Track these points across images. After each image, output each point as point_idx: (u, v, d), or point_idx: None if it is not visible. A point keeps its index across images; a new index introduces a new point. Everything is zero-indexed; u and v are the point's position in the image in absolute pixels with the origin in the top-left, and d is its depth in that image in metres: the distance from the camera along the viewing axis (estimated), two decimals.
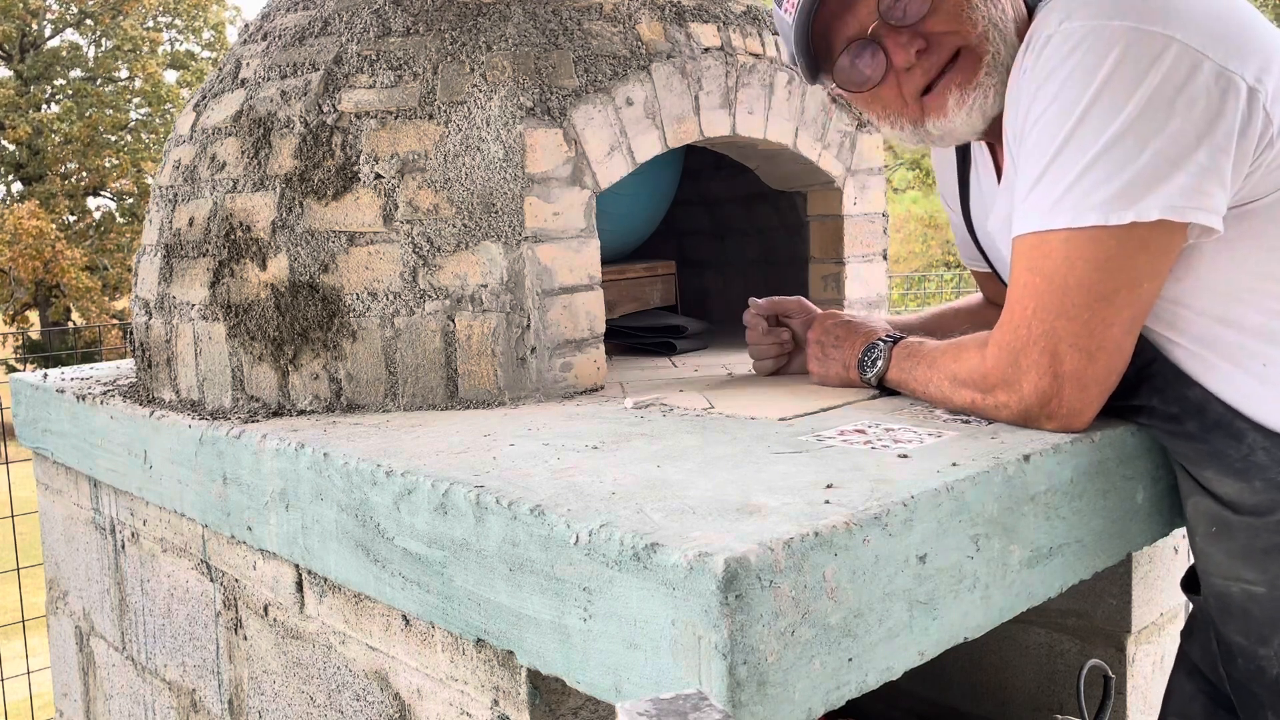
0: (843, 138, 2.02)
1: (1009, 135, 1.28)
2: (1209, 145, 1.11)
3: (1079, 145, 1.14)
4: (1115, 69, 1.12)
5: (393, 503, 1.20)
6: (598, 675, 0.97)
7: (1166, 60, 1.11)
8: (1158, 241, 1.14)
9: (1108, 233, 1.13)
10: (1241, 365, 1.19)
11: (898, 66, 1.30)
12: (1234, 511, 1.21)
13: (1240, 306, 1.19)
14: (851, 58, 1.32)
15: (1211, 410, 1.21)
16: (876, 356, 1.48)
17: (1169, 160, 1.11)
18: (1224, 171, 1.13)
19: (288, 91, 1.66)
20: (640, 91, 1.68)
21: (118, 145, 21.45)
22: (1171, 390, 1.24)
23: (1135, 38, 1.12)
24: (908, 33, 1.28)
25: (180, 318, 1.69)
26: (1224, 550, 1.23)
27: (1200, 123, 1.11)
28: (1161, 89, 1.11)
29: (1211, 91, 1.11)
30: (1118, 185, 1.12)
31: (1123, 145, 1.12)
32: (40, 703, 4.94)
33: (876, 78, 1.32)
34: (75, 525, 2.12)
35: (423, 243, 1.54)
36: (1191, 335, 1.22)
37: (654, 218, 2.28)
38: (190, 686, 1.76)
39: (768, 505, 0.99)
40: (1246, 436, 1.18)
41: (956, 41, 1.28)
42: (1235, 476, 1.20)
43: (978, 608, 1.09)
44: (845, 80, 1.35)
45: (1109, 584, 1.65)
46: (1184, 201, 1.12)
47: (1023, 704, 1.77)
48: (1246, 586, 1.21)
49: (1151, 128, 1.11)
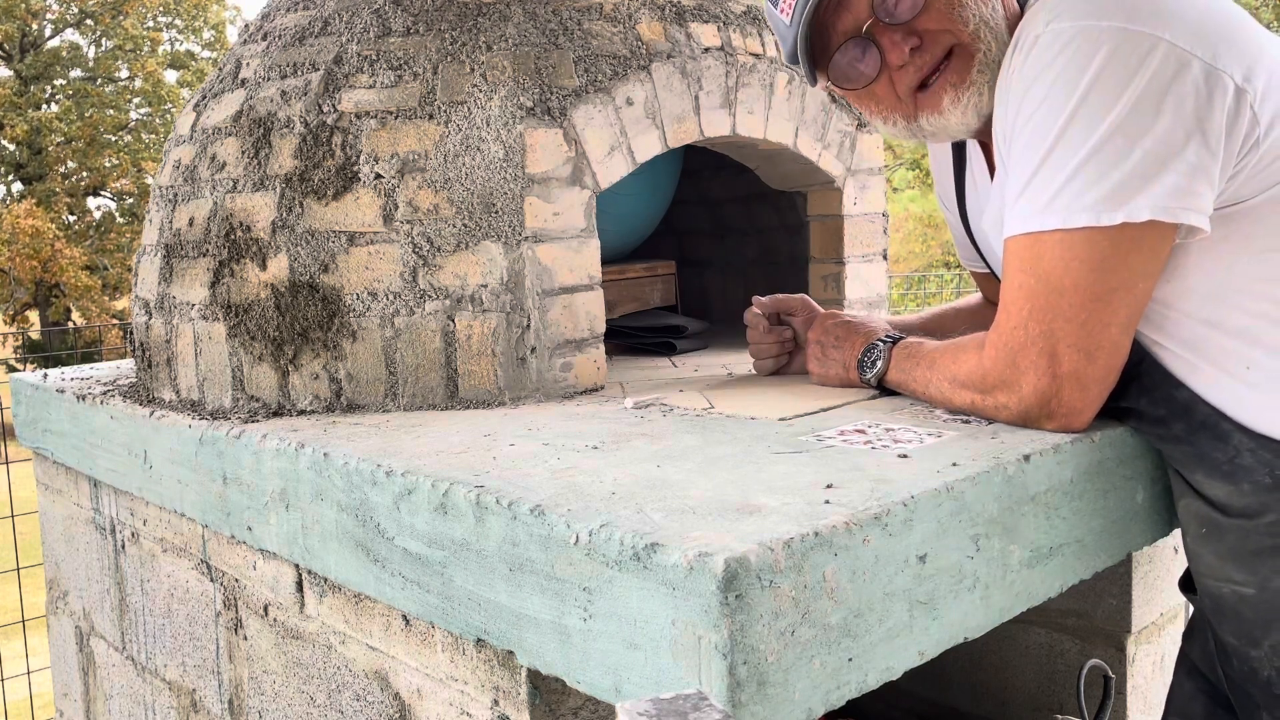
0: (843, 138, 2.02)
1: (999, 136, 1.28)
2: (1197, 144, 1.12)
3: (1068, 146, 1.14)
4: (1103, 69, 1.12)
5: (393, 503, 1.20)
6: (598, 675, 0.97)
7: (1154, 60, 1.12)
8: (1149, 241, 1.15)
9: (1100, 233, 1.14)
10: (1226, 368, 1.19)
11: (892, 64, 1.31)
12: (1223, 514, 1.21)
13: (1225, 309, 1.19)
14: (846, 55, 1.33)
15: (1198, 412, 1.21)
16: (876, 357, 1.48)
17: (1158, 160, 1.11)
18: (1212, 171, 1.13)
19: (288, 91, 1.66)
20: (640, 91, 1.68)
21: (118, 145, 21.45)
22: (1159, 391, 1.24)
23: (1123, 38, 1.13)
24: (901, 30, 1.29)
25: (180, 318, 1.69)
26: (1214, 552, 1.23)
27: (1189, 121, 1.11)
28: (1149, 88, 1.11)
29: (1200, 90, 1.11)
30: (1108, 186, 1.12)
31: (1112, 145, 1.12)
32: (40, 703, 4.94)
33: (871, 75, 1.33)
34: (75, 525, 2.12)
35: (423, 243, 1.54)
36: (1178, 338, 1.22)
37: (654, 218, 2.28)
38: (190, 686, 1.76)
39: (768, 505, 0.99)
40: (1232, 439, 1.19)
41: (949, 40, 1.29)
42: (1223, 479, 1.20)
43: (978, 608, 1.09)
44: (840, 77, 1.36)
45: (1109, 584, 1.65)
46: (1174, 202, 1.12)
47: (1023, 704, 1.77)
48: (1237, 588, 1.21)
49: (1140, 127, 1.11)
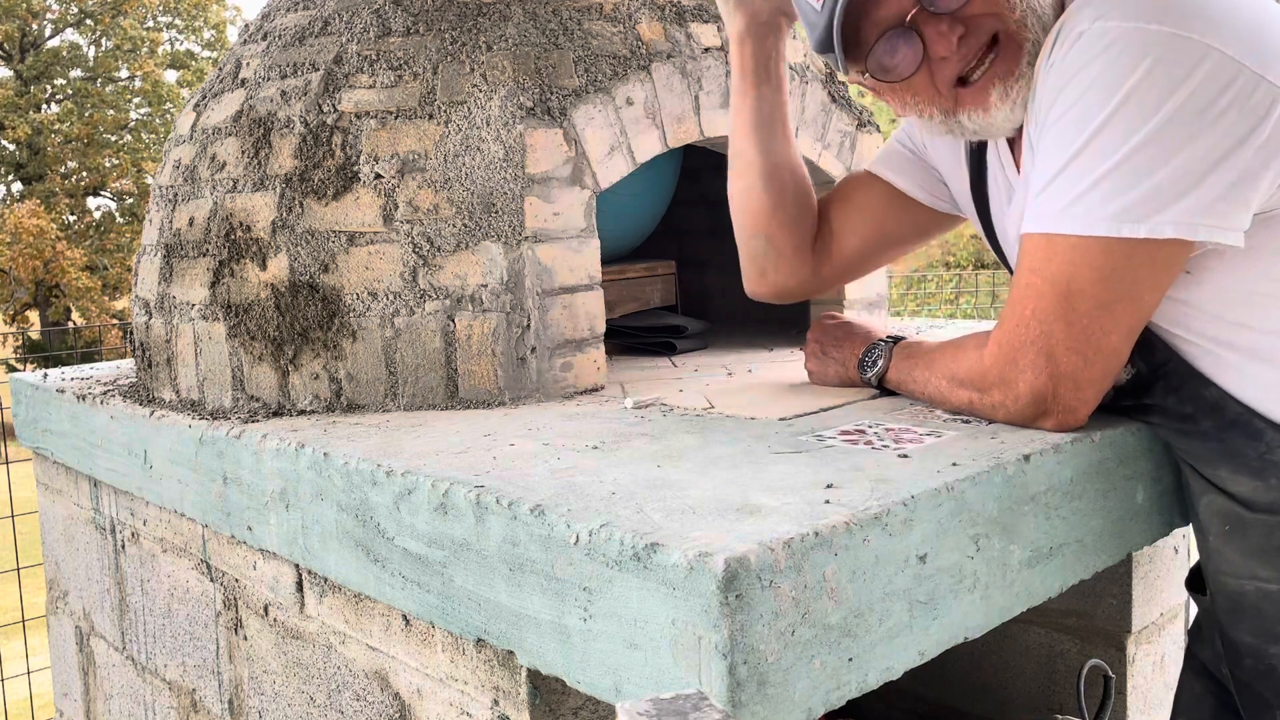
0: (842, 138, 2.02)
1: (1030, 129, 1.23)
2: (1236, 160, 1.08)
3: (1100, 150, 1.11)
4: (1148, 75, 1.08)
5: (393, 503, 1.20)
6: (598, 675, 0.97)
7: (1202, 71, 1.07)
8: (1166, 256, 1.13)
9: (1117, 244, 1.11)
10: (1264, 361, 1.18)
11: (935, 56, 1.23)
12: (1249, 509, 1.21)
13: (1259, 310, 1.17)
14: (887, 46, 1.24)
15: (1229, 409, 1.20)
16: (877, 356, 1.47)
17: (1192, 175, 1.08)
18: (1249, 187, 1.09)
19: (288, 91, 1.66)
20: (640, 91, 1.68)
21: (118, 145, 21.46)
22: (1187, 389, 1.23)
23: (1172, 44, 1.08)
24: (948, 20, 1.21)
25: (180, 318, 1.69)
26: (1238, 549, 1.23)
27: (1231, 137, 1.08)
28: (1193, 101, 1.07)
29: (1245, 104, 1.08)
30: (1134, 196, 1.09)
31: (1145, 155, 1.08)
32: (40, 703, 4.94)
33: (913, 67, 1.24)
34: (75, 525, 2.12)
35: (423, 243, 1.54)
36: (1208, 336, 1.20)
37: (654, 218, 2.28)
38: (190, 686, 1.76)
39: (768, 505, 0.99)
40: (1265, 435, 1.18)
41: (994, 25, 1.22)
42: (1251, 475, 1.19)
43: (978, 608, 1.09)
44: (879, 69, 1.27)
45: (1109, 584, 1.65)
46: (1201, 219, 1.09)
47: (1023, 704, 1.77)
48: (1261, 584, 1.21)
49: (1177, 141, 1.08)
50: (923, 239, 1.65)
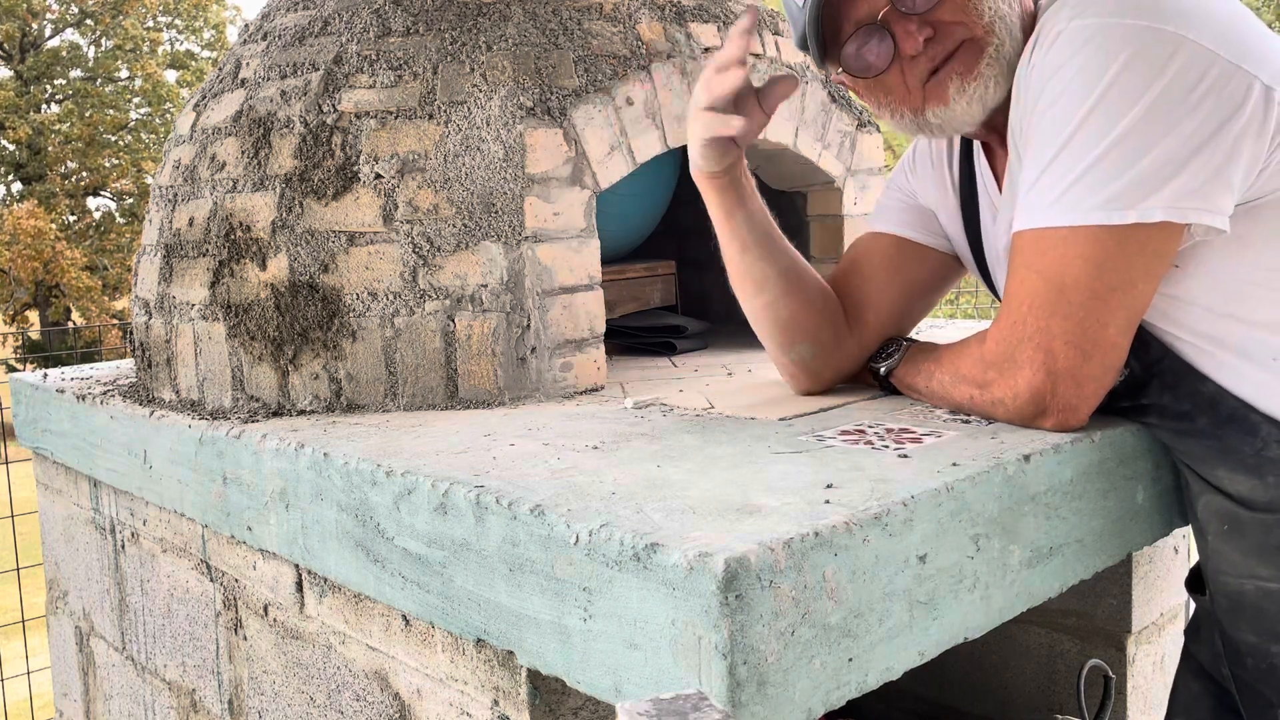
0: (842, 138, 2.02)
1: (1015, 131, 1.27)
2: (1218, 145, 1.10)
3: (1084, 142, 1.13)
4: (1126, 67, 1.11)
5: (393, 503, 1.20)
6: (598, 675, 0.97)
7: (1179, 60, 1.10)
8: (1157, 242, 1.14)
9: (1108, 232, 1.13)
10: (1252, 360, 1.18)
11: (905, 54, 1.28)
12: (1247, 509, 1.21)
13: (1249, 302, 1.18)
14: (859, 44, 1.30)
15: (1224, 405, 1.20)
16: (894, 350, 1.48)
17: (1175, 161, 1.10)
18: (1232, 171, 1.12)
19: (288, 91, 1.66)
20: (640, 91, 1.68)
21: (118, 145, 21.46)
22: (1183, 386, 1.23)
23: (1148, 36, 1.11)
24: (917, 20, 1.26)
25: (180, 318, 1.69)
26: (1237, 548, 1.23)
27: (1210, 123, 1.10)
28: (1171, 89, 1.10)
29: (1222, 91, 1.10)
30: (1121, 184, 1.11)
31: (1128, 144, 1.11)
32: (40, 703, 4.94)
33: (883, 64, 1.30)
34: (75, 525, 2.12)
35: (423, 243, 1.54)
36: (1200, 331, 1.21)
37: (654, 217, 2.28)
38: (190, 686, 1.76)
39: (768, 505, 0.99)
40: (1260, 431, 1.18)
41: (963, 33, 1.27)
42: (1248, 473, 1.20)
43: (978, 608, 1.09)
44: (852, 66, 1.32)
45: (1109, 584, 1.65)
46: (1188, 203, 1.11)
47: (1023, 704, 1.77)
48: (1261, 583, 1.21)
49: (1159, 128, 1.10)
50: (946, 284, 1.61)
